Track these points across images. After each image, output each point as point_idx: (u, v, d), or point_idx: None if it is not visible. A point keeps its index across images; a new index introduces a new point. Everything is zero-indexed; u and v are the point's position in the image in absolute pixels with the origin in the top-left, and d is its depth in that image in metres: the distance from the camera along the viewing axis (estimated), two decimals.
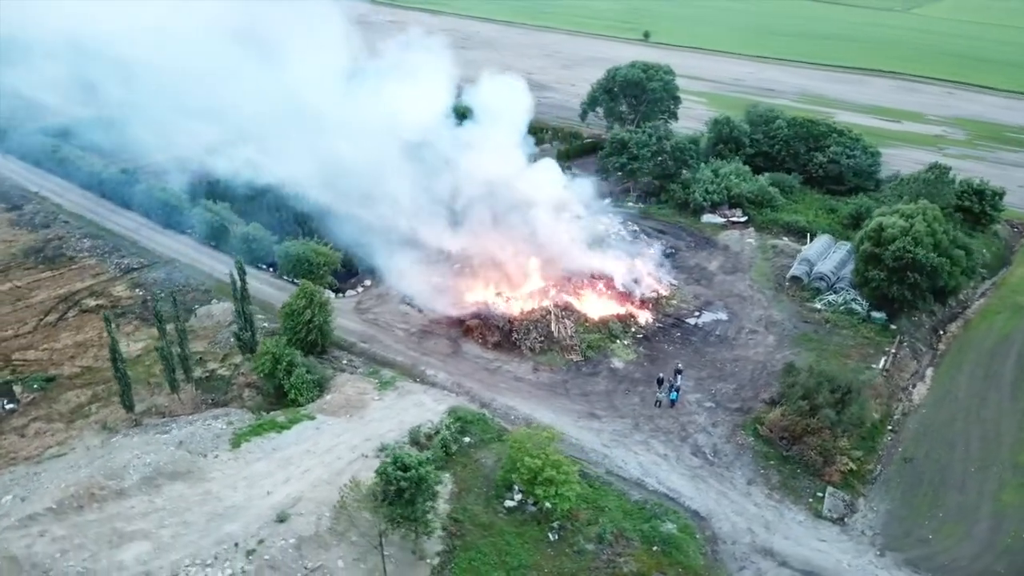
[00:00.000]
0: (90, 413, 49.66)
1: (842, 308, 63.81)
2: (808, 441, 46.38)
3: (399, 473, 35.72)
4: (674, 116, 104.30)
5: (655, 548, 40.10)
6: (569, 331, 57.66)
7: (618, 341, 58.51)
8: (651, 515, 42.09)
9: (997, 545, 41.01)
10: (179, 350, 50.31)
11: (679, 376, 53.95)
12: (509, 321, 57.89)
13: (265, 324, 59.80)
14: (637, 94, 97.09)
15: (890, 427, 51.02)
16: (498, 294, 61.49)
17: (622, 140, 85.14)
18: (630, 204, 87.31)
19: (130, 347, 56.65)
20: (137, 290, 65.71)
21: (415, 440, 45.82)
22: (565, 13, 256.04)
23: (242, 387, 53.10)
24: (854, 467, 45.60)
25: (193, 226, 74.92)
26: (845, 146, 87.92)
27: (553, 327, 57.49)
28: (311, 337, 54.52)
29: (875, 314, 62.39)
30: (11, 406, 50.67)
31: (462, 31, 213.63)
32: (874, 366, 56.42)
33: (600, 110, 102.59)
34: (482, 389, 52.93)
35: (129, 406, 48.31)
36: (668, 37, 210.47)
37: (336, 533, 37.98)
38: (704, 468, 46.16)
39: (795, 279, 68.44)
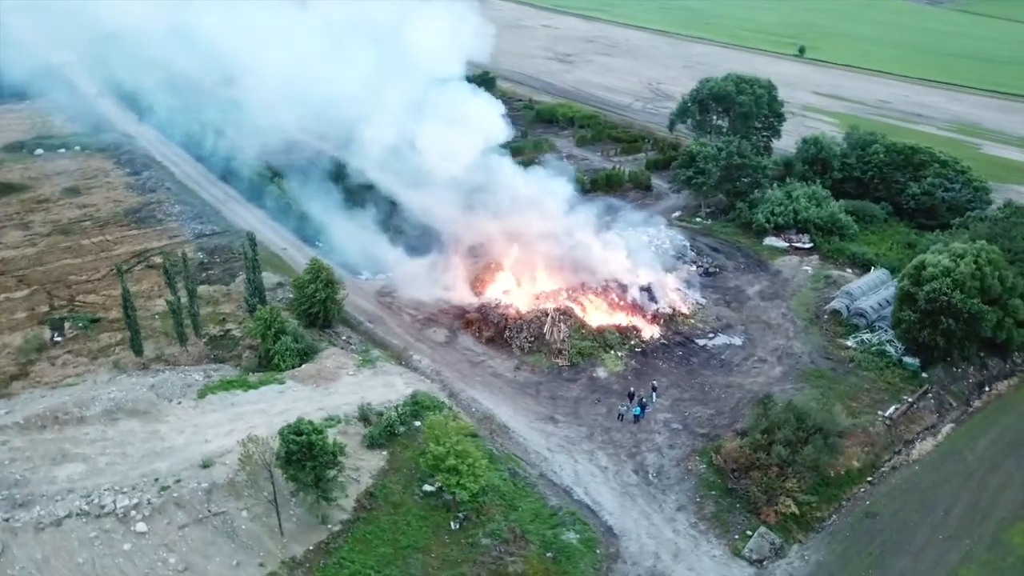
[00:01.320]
0: (112, 353, 56.11)
1: (874, 348, 58.97)
2: (753, 476, 43.93)
3: (292, 436, 38.21)
4: (776, 133, 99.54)
5: (549, 555, 39.88)
6: (561, 335, 57.59)
7: (612, 352, 57.66)
8: (559, 523, 41.79)
9: None
10: (190, 307, 55.68)
11: (654, 393, 52.59)
12: (504, 318, 58.77)
13: (291, 295, 64.33)
14: (727, 107, 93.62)
15: (870, 478, 46.91)
16: (505, 291, 62.42)
17: (690, 153, 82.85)
18: (698, 219, 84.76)
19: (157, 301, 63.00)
20: (199, 253, 72.79)
21: (364, 416, 48.04)
22: (727, 25, 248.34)
23: (246, 348, 57.71)
24: (796, 511, 42.59)
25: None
26: (945, 178, 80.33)
27: (546, 329, 57.69)
28: (314, 310, 58.32)
29: (907, 359, 57.15)
30: (58, 339, 58.28)
31: (610, 38, 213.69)
32: (880, 413, 51.94)
33: (690, 122, 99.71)
34: (456, 379, 54.33)
35: (138, 351, 54.21)
36: (827, 54, 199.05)
37: (249, 486, 40.94)
38: (639, 487, 44.94)
39: (835, 312, 63.96)
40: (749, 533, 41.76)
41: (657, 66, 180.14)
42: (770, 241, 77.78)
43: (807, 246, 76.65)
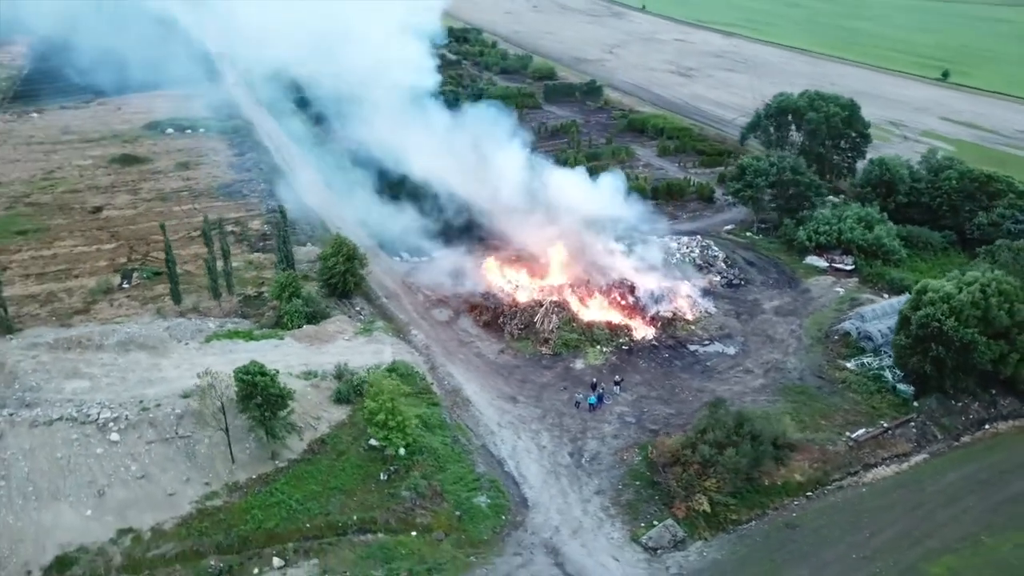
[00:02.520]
0: (160, 301, 64.68)
1: (871, 373, 57.27)
2: (674, 471, 44.98)
3: (241, 375, 43.83)
4: (860, 154, 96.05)
5: (457, 513, 43.12)
6: (551, 325, 60.23)
7: (597, 347, 59.61)
8: (477, 487, 44.88)
9: None
10: (224, 268, 63.28)
11: (617, 387, 54.23)
12: (502, 304, 62.20)
13: None
14: (798, 123, 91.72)
15: (810, 492, 46.43)
16: (509, 281, 65.75)
17: (741, 166, 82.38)
18: (748, 234, 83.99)
19: (220, 262, 71.22)
20: (265, 226, 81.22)
21: (339, 374, 53.07)
22: (877, 46, 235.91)
23: (272, 307, 64.54)
24: (709, 509, 43.26)
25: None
26: (1018, 209, 75.21)
27: (536, 319, 60.55)
28: (333, 280, 64.33)
29: (901, 386, 55.17)
30: (125, 285, 67.85)
31: (741, 54, 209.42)
32: (847, 434, 50.86)
33: (762, 136, 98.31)
34: (440, 354, 58.42)
35: (177, 300, 62.33)
36: (977, 79, 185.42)
37: (214, 417, 46.95)
38: (568, 468, 47.14)
39: (846, 334, 62.34)
40: (656, 523, 42.99)
41: (782, 83, 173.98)
42: (811, 260, 76.10)
43: (849, 268, 74.36)
